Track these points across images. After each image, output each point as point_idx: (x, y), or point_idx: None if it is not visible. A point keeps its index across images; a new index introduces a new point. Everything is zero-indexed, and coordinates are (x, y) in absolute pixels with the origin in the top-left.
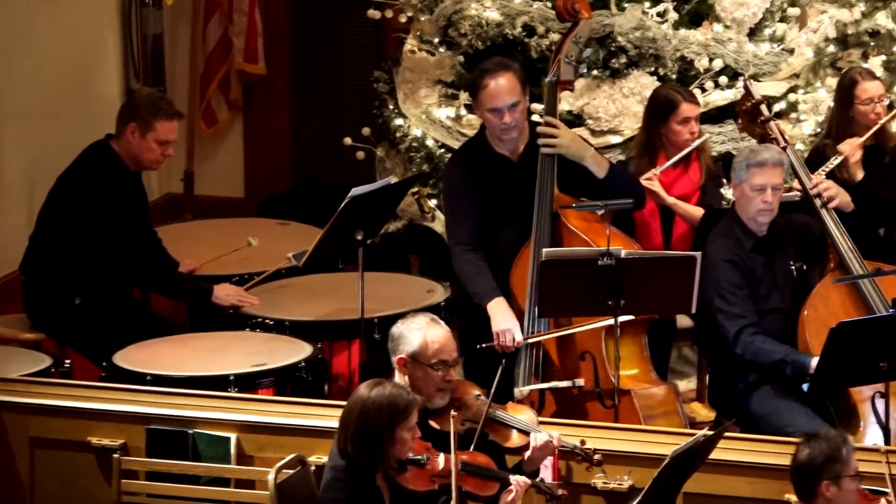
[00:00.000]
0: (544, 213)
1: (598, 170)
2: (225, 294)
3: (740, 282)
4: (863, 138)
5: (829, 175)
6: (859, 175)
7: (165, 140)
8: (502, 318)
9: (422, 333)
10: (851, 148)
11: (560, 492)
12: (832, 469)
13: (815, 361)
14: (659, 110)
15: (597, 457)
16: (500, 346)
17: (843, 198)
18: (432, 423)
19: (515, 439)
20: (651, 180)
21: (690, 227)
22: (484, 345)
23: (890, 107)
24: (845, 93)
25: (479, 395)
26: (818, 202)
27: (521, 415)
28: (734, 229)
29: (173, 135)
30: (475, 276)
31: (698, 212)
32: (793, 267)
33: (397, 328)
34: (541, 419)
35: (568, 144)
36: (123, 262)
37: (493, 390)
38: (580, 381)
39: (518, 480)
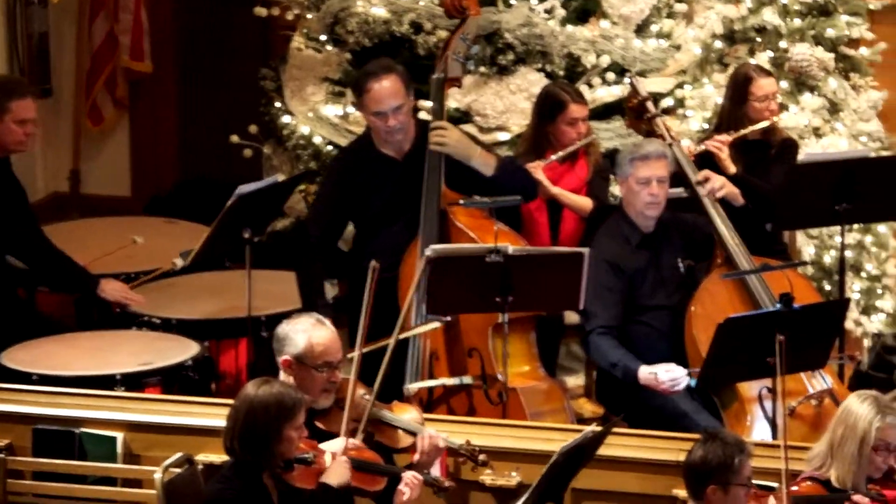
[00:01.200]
0: (432, 211)
1: (487, 168)
2: (111, 289)
3: (614, 285)
4: (738, 133)
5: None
6: (731, 169)
7: (23, 119)
8: None
9: (307, 335)
10: (721, 144)
11: (447, 483)
12: (722, 476)
13: (642, 370)
14: (547, 110)
15: (482, 457)
16: None
17: (730, 188)
18: (318, 424)
19: (402, 440)
20: (535, 169)
21: (578, 224)
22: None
23: (781, 105)
24: (739, 89)
25: (364, 395)
26: (702, 190)
27: (406, 414)
28: (621, 226)
29: (30, 112)
30: (309, 288)
31: (585, 202)
32: (681, 264)
33: (282, 329)
34: (429, 416)
35: (455, 144)
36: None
37: (376, 389)
38: (468, 379)
39: (412, 477)
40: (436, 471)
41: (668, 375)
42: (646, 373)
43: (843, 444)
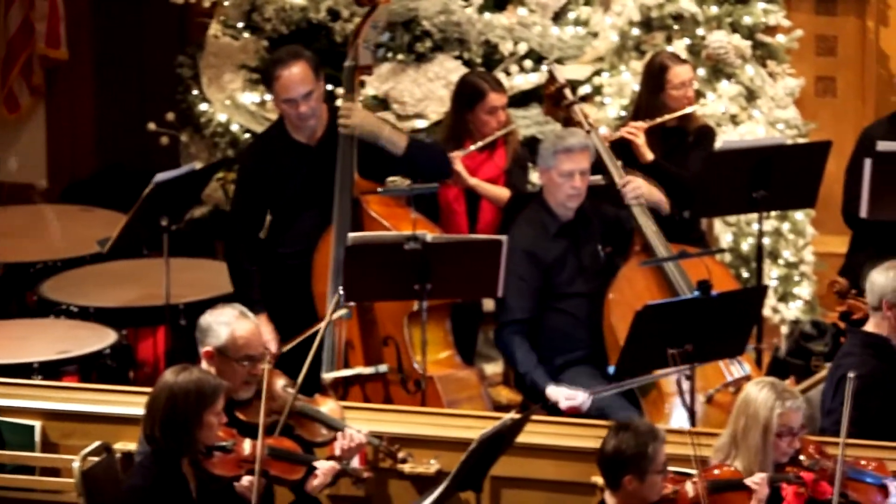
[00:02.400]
0: (345, 198)
1: (396, 147)
2: None
3: (529, 275)
4: (654, 121)
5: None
6: (648, 156)
7: None
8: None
9: (229, 328)
10: (637, 130)
11: (366, 475)
12: (637, 465)
13: (550, 389)
14: (466, 99)
15: (401, 454)
16: None
17: (657, 196)
18: (239, 415)
19: (321, 433)
20: (454, 160)
21: (496, 213)
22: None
23: (698, 93)
24: (655, 78)
25: (286, 386)
26: (623, 192)
27: (326, 407)
28: (540, 214)
29: None
30: (238, 284)
31: (503, 192)
32: (601, 252)
33: (205, 320)
34: (348, 405)
35: (360, 123)
36: None
37: (299, 382)
38: (384, 368)
39: (324, 465)
40: (355, 460)
41: (567, 404)
42: (551, 393)
43: (747, 434)
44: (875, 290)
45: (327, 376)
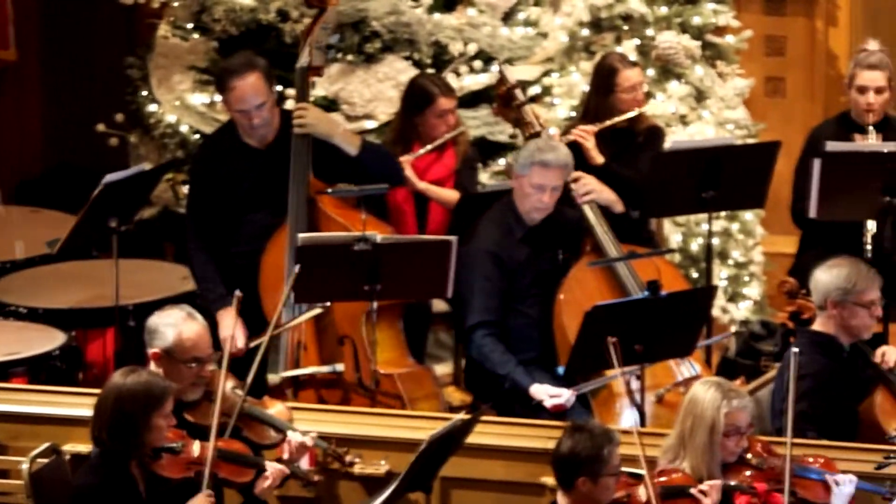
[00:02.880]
0: (301, 199)
1: (350, 147)
2: None
3: (494, 276)
4: (604, 124)
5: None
6: (598, 159)
7: None
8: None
9: (177, 329)
10: (586, 133)
11: (316, 478)
12: (592, 467)
13: (534, 388)
14: (415, 102)
15: (349, 457)
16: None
17: (607, 195)
18: (187, 417)
19: (269, 436)
20: (403, 164)
21: (445, 215)
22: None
23: (648, 94)
24: (604, 80)
25: (234, 388)
26: (574, 190)
27: (274, 409)
28: (507, 216)
29: None
30: (202, 281)
31: (452, 195)
32: (560, 257)
33: (153, 321)
34: (296, 406)
35: (314, 122)
36: None
37: (248, 383)
38: (340, 367)
39: (274, 467)
40: (304, 461)
41: (552, 402)
42: (535, 392)
43: (694, 435)
44: (819, 289)
45: (275, 377)
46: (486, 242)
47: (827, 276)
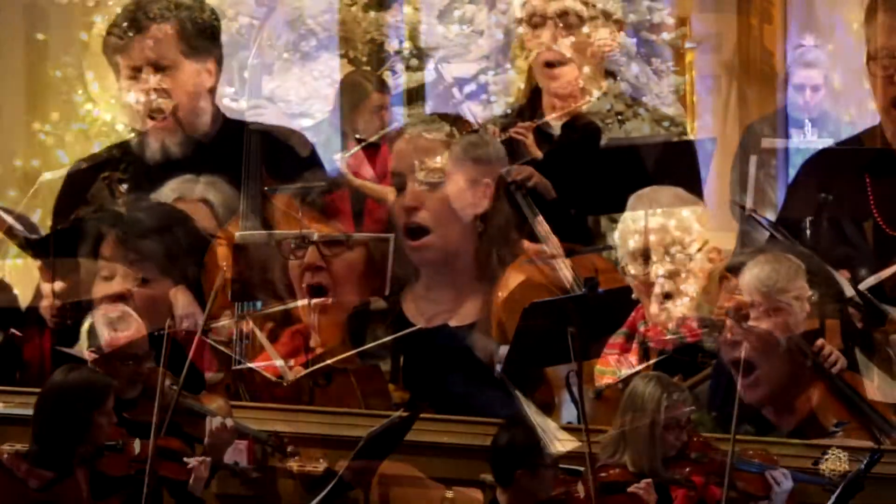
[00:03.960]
0: (253, 193)
1: (304, 148)
2: None
3: None
4: (541, 120)
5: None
6: (537, 155)
7: None
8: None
9: (112, 328)
10: (525, 130)
11: (254, 475)
12: (529, 458)
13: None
14: (349, 98)
15: (290, 448)
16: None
17: (540, 179)
18: (125, 415)
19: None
20: (338, 161)
21: (383, 211)
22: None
23: (584, 90)
24: (540, 77)
25: (171, 385)
26: (513, 185)
27: (215, 404)
28: None
29: None
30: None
31: (388, 192)
32: None
33: (89, 321)
34: (234, 404)
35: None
36: None
37: (182, 378)
38: (289, 362)
39: (195, 460)
40: (243, 458)
41: None
42: None
43: (634, 428)
44: (750, 285)
45: (214, 376)
46: None
47: (757, 271)
